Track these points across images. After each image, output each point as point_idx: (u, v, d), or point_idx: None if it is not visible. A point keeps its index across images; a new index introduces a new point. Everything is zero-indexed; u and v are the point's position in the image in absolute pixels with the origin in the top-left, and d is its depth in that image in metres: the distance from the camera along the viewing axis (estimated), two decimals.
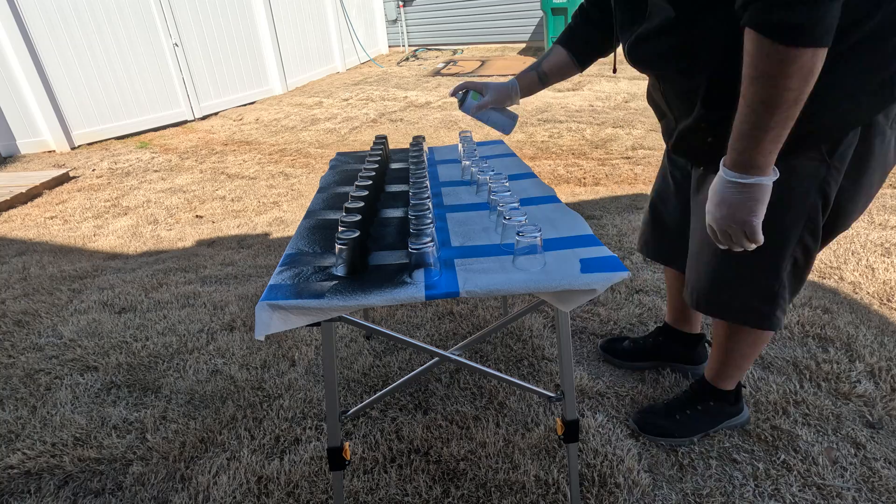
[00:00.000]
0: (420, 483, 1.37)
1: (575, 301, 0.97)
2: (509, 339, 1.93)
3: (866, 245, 2.41)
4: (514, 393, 1.66)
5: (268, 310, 0.93)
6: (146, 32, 5.92)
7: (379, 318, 2.15)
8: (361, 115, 5.99)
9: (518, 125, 5.04)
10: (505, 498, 1.32)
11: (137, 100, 5.97)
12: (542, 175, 3.85)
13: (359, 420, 1.60)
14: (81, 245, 3.27)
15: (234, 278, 2.62)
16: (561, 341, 1.09)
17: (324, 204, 1.40)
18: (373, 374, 1.81)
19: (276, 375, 1.83)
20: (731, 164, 0.90)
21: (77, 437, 1.60)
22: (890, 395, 1.56)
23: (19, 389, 1.84)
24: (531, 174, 1.55)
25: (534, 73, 1.42)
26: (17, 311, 2.39)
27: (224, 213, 3.66)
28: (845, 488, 1.29)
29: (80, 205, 3.99)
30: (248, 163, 4.80)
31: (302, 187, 4.05)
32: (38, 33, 5.13)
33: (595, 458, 1.40)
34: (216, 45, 6.68)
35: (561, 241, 1.09)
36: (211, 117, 6.63)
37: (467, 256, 1.06)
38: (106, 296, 2.49)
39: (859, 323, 1.89)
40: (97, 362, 1.96)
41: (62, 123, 5.42)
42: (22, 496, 1.42)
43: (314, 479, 1.40)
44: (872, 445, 1.40)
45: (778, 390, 1.60)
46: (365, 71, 8.64)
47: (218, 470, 1.46)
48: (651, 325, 1.96)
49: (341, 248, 0.99)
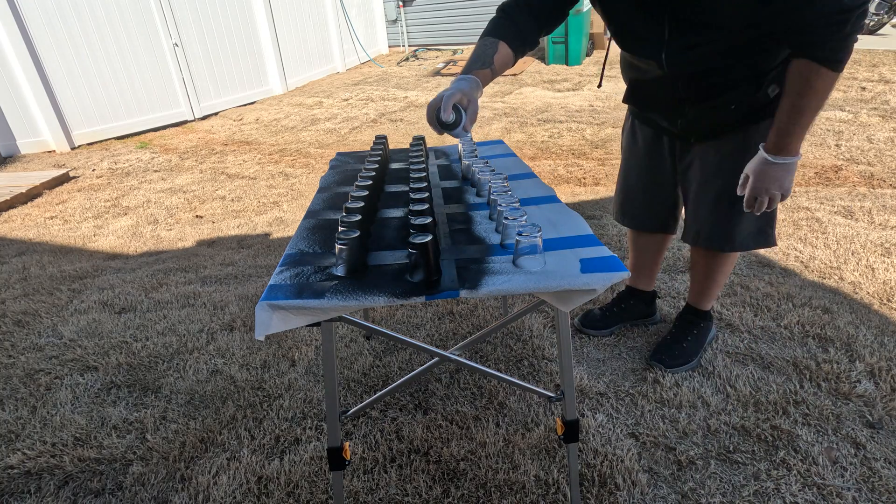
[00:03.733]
0: (420, 483, 1.37)
1: (575, 301, 0.97)
2: (509, 339, 1.93)
3: (866, 245, 2.41)
4: (514, 393, 1.66)
5: (268, 310, 0.93)
6: (146, 32, 5.92)
7: (379, 318, 2.15)
8: (361, 115, 5.99)
9: (518, 125, 5.04)
10: (505, 498, 1.32)
11: (137, 100, 5.97)
12: (542, 175, 3.85)
13: (359, 420, 1.60)
14: (81, 245, 3.27)
15: (234, 278, 2.63)
16: (561, 341, 1.09)
17: (324, 204, 1.40)
18: (373, 374, 1.81)
19: (276, 375, 1.83)
20: (775, 150, 1.21)
21: (77, 437, 1.60)
22: (890, 395, 1.56)
23: (19, 389, 1.84)
24: (531, 174, 1.55)
25: (488, 69, 1.33)
26: (17, 311, 2.39)
27: (224, 213, 3.66)
28: (845, 488, 1.29)
29: (80, 205, 3.99)
30: (248, 163, 4.80)
31: (302, 187, 4.05)
32: (38, 33, 5.12)
33: (595, 458, 1.40)
34: (216, 45, 6.68)
35: (561, 241, 1.09)
36: (211, 117, 6.63)
37: (467, 256, 1.06)
38: (106, 296, 2.49)
39: (859, 323, 1.89)
40: (97, 362, 1.96)
41: (62, 123, 5.42)
42: (22, 496, 1.42)
43: (314, 479, 1.40)
44: (872, 445, 1.40)
45: (778, 390, 1.60)
46: (365, 71, 8.64)
47: (218, 470, 1.46)
48: (651, 325, 1.96)
49: (341, 248, 0.99)
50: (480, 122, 5.20)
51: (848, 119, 4.32)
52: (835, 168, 3.48)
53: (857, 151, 3.70)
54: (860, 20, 1.05)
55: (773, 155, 1.22)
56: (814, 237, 2.53)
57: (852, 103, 4.67)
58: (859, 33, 1.08)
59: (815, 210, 2.83)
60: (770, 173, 1.24)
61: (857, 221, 2.67)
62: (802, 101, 1.13)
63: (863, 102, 4.67)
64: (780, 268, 2.31)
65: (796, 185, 3.29)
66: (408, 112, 5.91)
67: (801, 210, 2.85)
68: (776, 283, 2.18)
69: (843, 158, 3.62)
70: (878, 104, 4.59)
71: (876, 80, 5.21)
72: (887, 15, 6.76)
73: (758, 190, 1.27)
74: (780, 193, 1.27)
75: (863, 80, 5.22)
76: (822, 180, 3.33)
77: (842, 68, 1.10)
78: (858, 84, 5.13)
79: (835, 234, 2.54)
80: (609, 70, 6.43)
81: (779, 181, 1.24)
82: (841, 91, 5.00)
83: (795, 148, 1.20)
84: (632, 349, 1.85)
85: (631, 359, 1.80)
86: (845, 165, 3.50)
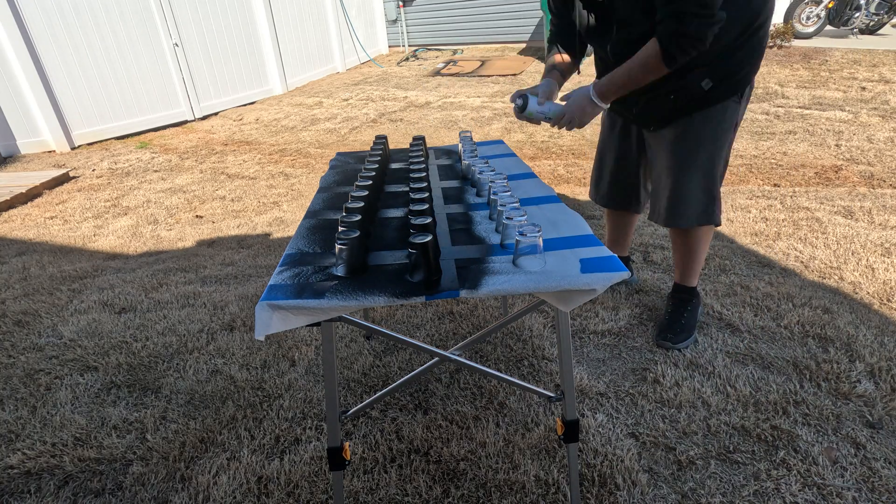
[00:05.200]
0: (420, 483, 1.37)
1: (575, 301, 0.97)
2: (509, 339, 1.93)
3: (866, 245, 2.41)
4: (514, 393, 1.66)
5: (268, 310, 0.93)
6: (146, 32, 5.92)
7: (379, 318, 2.15)
8: (361, 115, 5.99)
9: (518, 125, 5.04)
10: (505, 498, 1.32)
11: (137, 100, 5.97)
12: (542, 175, 3.85)
13: (359, 420, 1.60)
14: (81, 245, 3.27)
15: (234, 278, 2.63)
16: (561, 341, 1.09)
17: (324, 204, 1.40)
18: (373, 374, 1.81)
19: (276, 375, 1.83)
20: (599, 94, 1.49)
21: (77, 437, 1.60)
22: (890, 395, 1.56)
23: (19, 389, 1.84)
24: (531, 174, 1.55)
25: (558, 72, 1.71)
26: (17, 311, 2.39)
27: (224, 213, 3.66)
28: (845, 488, 1.29)
29: (80, 205, 3.99)
30: (248, 163, 4.80)
31: (302, 187, 4.05)
32: (38, 33, 5.12)
33: (595, 458, 1.40)
34: (216, 45, 6.68)
35: (561, 241, 1.09)
36: (211, 117, 6.63)
37: (467, 256, 1.06)
38: (106, 296, 2.49)
39: (859, 323, 1.89)
40: (97, 362, 1.96)
41: (62, 123, 5.42)
42: (22, 496, 1.42)
43: (314, 479, 1.40)
44: (872, 445, 1.40)
45: (778, 390, 1.60)
46: (365, 71, 8.64)
47: (218, 470, 1.46)
48: (651, 325, 1.96)
49: (341, 248, 0.99)
50: (480, 122, 5.21)
51: (848, 119, 4.32)
52: (835, 168, 3.48)
53: (857, 151, 3.70)
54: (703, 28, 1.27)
55: (596, 95, 1.49)
56: (814, 237, 2.53)
57: (852, 103, 4.66)
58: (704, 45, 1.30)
59: (815, 210, 2.83)
60: (584, 108, 1.52)
61: (857, 221, 2.67)
62: (635, 65, 1.40)
63: (863, 102, 4.67)
64: (780, 268, 2.31)
65: (796, 184, 3.30)
66: (408, 112, 5.91)
67: (801, 210, 2.85)
68: (776, 283, 2.18)
69: (843, 158, 3.62)
70: (878, 104, 4.59)
71: (876, 80, 5.21)
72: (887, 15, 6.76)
73: (572, 116, 1.55)
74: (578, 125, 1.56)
75: (863, 80, 5.22)
76: (822, 180, 3.33)
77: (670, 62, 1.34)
78: (858, 84, 5.13)
79: (835, 234, 2.54)
80: None
81: (585, 116, 1.54)
82: (841, 91, 5.00)
83: (611, 99, 1.51)
84: (632, 349, 1.85)
85: (631, 359, 1.80)
86: (845, 165, 3.50)
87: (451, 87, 6.80)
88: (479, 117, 5.39)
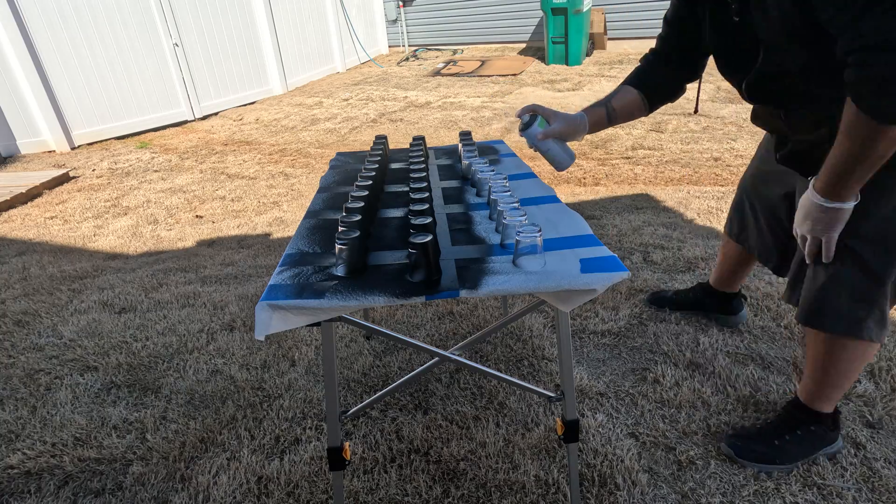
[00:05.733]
0: (420, 483, 1.37)
1: (575, 301, 0.97)
2: (509, 339, 1.93)
3: None
4: (514, 393, 1.66)
5: (268, 310, 0.93)
6: (146, 32, 5.92)
7: (379, 318, 2.15)
8: (361, 115, 5.99)
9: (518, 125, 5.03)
10: (505, 498, 1.32)
11: (137, 100, 5.98)
12: (542, 175, 3.85)
13: (359, 420, 1.60)
14: (81, 245, 3.27)
15: (234, 278, 2.63)
16: (561, 341, 1.09)
17: (324, 204, 1.40)
18: (373, 374, 1.81)
19: (276, 375, 1.83)
20: (820, 191, 1.05)
21: (77, 437, 1.60)
22: (890, 395, 1.56)
23: (19, 389, 1.84)
24: (531, 174, 1.55)
25: (602, 108, 1.40)
26: (17, 311, 2.39)
27: (224, 213, 3.66)
28: (845, 488, 1.29)
29: (80, 205, 3.99)
30: (248, 163, 4.80)
31: (302, 187, 4.05)
32: (38, 33, 5.13)
33: (595, 458, 1.40)
34: (216, 45, 6.68)
35: (561, 241, 1.09)
36: (211, 117, 6.63)
37: (467, 257, 1.06)
38: (106, 296, 2.49)
39: None
40: (97, 362, 1.96)
41: (62, 123, 5.42)
42: (22, 496, 1.42)
43: (314, 479, 1.40)
44: (872, 445, 1.40)
45: (778, 390, 1.60)
46: (365, 71, 8.64)
47: (218, 470, 1.46)
48: (651, 325, 1.96)
49: (341, 248, 0.99)
50: (480, 123, 5.20)
51: None
52: None
53: None
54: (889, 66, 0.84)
55: (818, 195, 1.05)
56: None
57: None
58: None
59: None
60: (812, 215, 1.09)
61: None
62: (845, 143, 0.96)
63: None
64: None
65: None
66: (408, 112, 5.91)
67: None
68: (776, 283, 2.17)
69: None
70: None
71: None
72: None
73: (799, 226, 1.14)
74: (816, 243, 1.12)
75: None
76: None
77: (885, 119, 0.88)
78: None
79: None
80: (609, 70, 6.43)
81: (819, 225, 1.08)
82: None
83: (844, 195, 1.02)
84: (632, 349, 1.85)
85: (631, 359, 1.80)
86: None
87: (451, 87, 6.80)
88: (479, 117, 5.39)
